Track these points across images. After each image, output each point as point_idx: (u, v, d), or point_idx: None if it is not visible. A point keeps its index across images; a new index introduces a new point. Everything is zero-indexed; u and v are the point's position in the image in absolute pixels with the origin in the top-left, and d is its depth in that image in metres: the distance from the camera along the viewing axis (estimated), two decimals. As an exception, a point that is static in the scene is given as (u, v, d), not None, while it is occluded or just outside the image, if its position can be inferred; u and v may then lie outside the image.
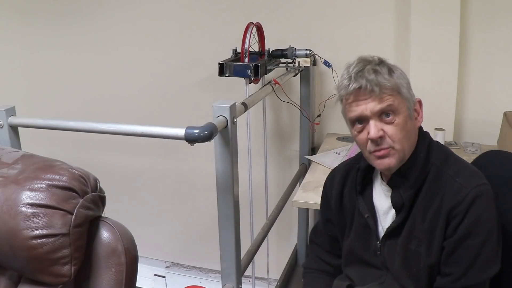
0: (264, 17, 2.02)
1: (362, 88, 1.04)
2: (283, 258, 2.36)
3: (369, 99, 1.05)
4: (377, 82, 1.04)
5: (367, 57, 1.10)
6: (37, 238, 0.89)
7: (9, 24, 2.67)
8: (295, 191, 1.94)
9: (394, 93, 1.06)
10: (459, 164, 1.13)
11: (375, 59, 1.09)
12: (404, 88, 1.08)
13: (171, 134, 1.20)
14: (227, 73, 1.79)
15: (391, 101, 1.05)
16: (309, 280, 1.40)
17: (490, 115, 2.01)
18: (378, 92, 1.04)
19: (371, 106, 1.05)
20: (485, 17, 1.96)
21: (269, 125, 2.23)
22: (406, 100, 1.08)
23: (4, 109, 1.39)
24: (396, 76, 1.07)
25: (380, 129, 1.06)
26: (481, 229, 1.05)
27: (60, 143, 2.39)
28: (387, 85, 1.05)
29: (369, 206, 1.20)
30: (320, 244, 1.38)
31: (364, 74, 1.05)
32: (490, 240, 1.06)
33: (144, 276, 2.82)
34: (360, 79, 1.05)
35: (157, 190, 2.69)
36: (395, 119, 1.06)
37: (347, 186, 1.26)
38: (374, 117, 1.06)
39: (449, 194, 1.07)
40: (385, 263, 1.19)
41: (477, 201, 1.04)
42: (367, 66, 1.06)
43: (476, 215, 1.04)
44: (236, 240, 1.38)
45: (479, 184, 1.06)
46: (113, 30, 2.49)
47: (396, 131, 1.06)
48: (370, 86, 1.04)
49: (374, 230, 1.19)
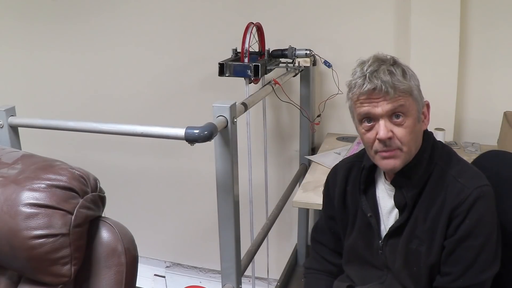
0: (264, 17, 2.02)
1: (377, 89, 1.04)
2: (283, 258, 2.36)
3: (382, 99, 1.05)
4: (392, 85, 1.03)
5: (382, 56, 1.09)
6: (37, 238, 0.89)
7: (9, 24, 2.67)
8: (295, 191, 1.94)
9: (406, 95, 1.06)
10: (462, 164, 1.14)
11: (389, 59, 1.08)
12: (415, 91, 1.08)
13: (171, 134, 1.20)
14: (227, 73, 1.79)
15: (403, 102, 1.05)
16: (310, 280, 1.38)
17: (490, 115, 2.01)
18: (392, 94, 1.04)
19: (383, 105, 1.05)
20: (485, 17, 1.96)
21: (269, 125, 2.23)
22: (417, 102, 1.08)
23: (4, 109, 1.39)
24: (410, 78, 1.07)
25: (390, 130, 1.06)
26: (482, 230, 1.05)
27: (60, 143, 2.39)
28: (401, 87, 1.04)
29: (372, 205, 1.20)
30: (324, 242, 1.37)
31: (379, 75, 1.04)
32: (490, 241, 1.06)
33: (144, 276, 2.82)
34: (375, 79, 1.04)
35: (157, 190, 2.69)
36: (405, 121, 1.06)
37: (350, 183, 1.26)
38: (384, 117, 1.06)
39: (451, 194, 1.07)
40: (386, 263, 1.19)
41: (478, 202, 1.05)
42: (382, 66, 1.05)
43: (477, 216, 1.05)
44: (236, 240, 1.38)
45: (481, 185, 1.07)
46: (113, 30, 2.49)
47: (405, 134, 1.06)
48: (385, 88, 1.03)
49: (377, 229, 1.19)
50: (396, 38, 2.07)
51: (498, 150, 1.33)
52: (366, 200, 1.20)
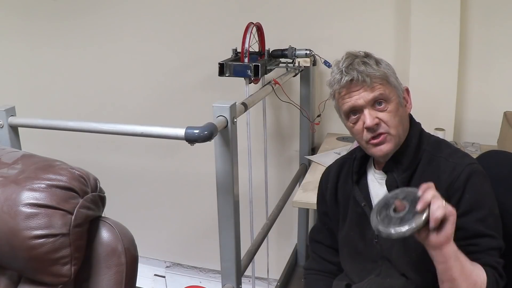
0: (264, 17, 2.02)
1: (354, 80, 1.10)
2: (283, 258, 2.36)
3: (361, 90, 1.11)
4: (367, 73, 1.10)
5: (354, 52, 1.16)
6: (37, 238, 0.89)
7: (9, 24, 2.67)
8: (295, 191, 1.94)
9: (383, 82, 1.12)
10: (451, 148, 1.17)
11: (361, 53, 1.15)
12: (392, 77, 1.14)
13: (171, 134, 1.20)
14: (227, 73, 1.79)
15: (382, 90, 1.11)
16: (310, 281, 1.39)
17: (490, 115, 2.01)
18: (369, 82, 1.10)
19: (364, 95, 1.11)
20: (485, 17, 1.96)
21: (269, 125, 2.23)
22: (395, 88, 1.14)
23: (4, 109, 1.39)
24: (383, 67, 1.14)
25: (375, 117, 1.11)
26: (483, 202, 1.07)
27: (60, 143, 2.39)
28: (376, 75, 1.11)
29: (365, 195, 1.22)
30: (320, 241, 1.39)
31: (354, 66, 1.11)
32: (494, 214, 1.07)
33: (144, 276, 2.82)
34: (351, 71, 1.10)
35: (157, 190, 2.69)
36: (387, 107, 1.12)
37: (341, 179, 1.30)
38: (367, 106, 1.11)
39: (445, 172, 1.10)
40: (381, 252, 1.18)
41: (473, 176, 1.08)
42: (355, 60, 1.12)
43: (475, 189, 1.07)
44: (236, 240, 1.38)
45: (472, 162, 1.11)
46: (113, 31, 2.49)
47: (390, 117, 1.11)
48: (362, 77, 1.10)
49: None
50: (396, 38, 2.08)
51: (498, 150, 1.33)
52: (359, 190, 1.23)
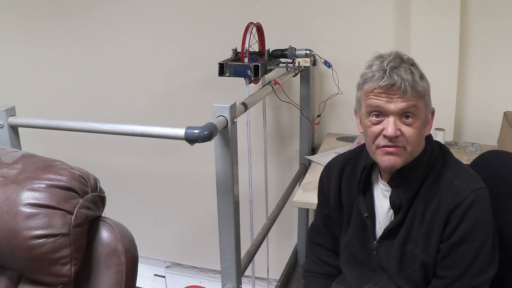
0: (264, 17, 2.02)
1: (395, 86, 1.03)
2: (283, 258, 2.36)
3: (397, 96, 1.03)
4: (411, 84, 1.03)
5: (402, 54, 1.08)
6: (37, 238, 0.89)
7: (9, 24, 2.67)
8: (295, 191, 1.94)
9: (420, 97, 1.05)
10: (458, 166, 1.13)
11: (409, 58, 1.08)
12: (427, 96, 1.08)
13: (171, 134, 1.20)
14: (227, 73, 1.79)
15: (416, 103, 1.04)
16: (309, 284, 1.38)
17: (490, 115, 2.01)
18: (409, 94, 1.03)
19: (397, 103, 1.04)
20: (485, 17, 1.96)
21: (269, 125, 2.23)
22: (426, 106, 1.08)
23: (4, 109, 1.39)
24: (425, 82, 1.08)
25: (398, 128, 1.05)
26: (478, 233, 1.05)
27: (60, 143, 2.39)
28: (418, 89, 1.04)
29: (368, 206, 1.19)
30: (321, 244, 1.36)
31: (400, 72, 1.03)
32: (486, 245, 1.05)
33: (144, 276, 2.82)
34: (395, 76, 1.03)
35: (157, 190, 2.69)
36: (414, 122, 1.05)
37: (344, 182, 1.25)
38: (395, 115, 1.05)
39: (447, 197, 1.07)
40: (380, 263, 1.18)
41: (475, 205, 1.04)
42: (402, 64, 1.05)
43: (473, 220, 1.04)
44: (236, 240, 1.38)
45: (477, 188, 1.06)
46: (113, 31, 2.49)
47: (413, 134, 1.06)
48: (404, 86, 1.02)
49: (372, 230, 1.19)
50: (396, 38, 2.07)
51: (498, 150, 1.33)
52: (363, 200, 1.19)
